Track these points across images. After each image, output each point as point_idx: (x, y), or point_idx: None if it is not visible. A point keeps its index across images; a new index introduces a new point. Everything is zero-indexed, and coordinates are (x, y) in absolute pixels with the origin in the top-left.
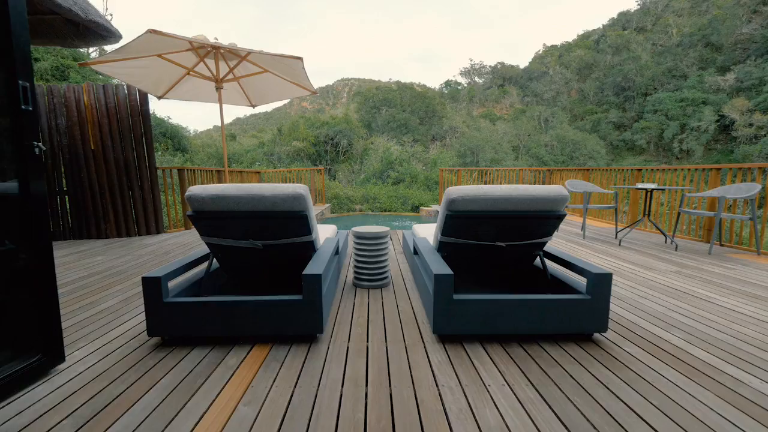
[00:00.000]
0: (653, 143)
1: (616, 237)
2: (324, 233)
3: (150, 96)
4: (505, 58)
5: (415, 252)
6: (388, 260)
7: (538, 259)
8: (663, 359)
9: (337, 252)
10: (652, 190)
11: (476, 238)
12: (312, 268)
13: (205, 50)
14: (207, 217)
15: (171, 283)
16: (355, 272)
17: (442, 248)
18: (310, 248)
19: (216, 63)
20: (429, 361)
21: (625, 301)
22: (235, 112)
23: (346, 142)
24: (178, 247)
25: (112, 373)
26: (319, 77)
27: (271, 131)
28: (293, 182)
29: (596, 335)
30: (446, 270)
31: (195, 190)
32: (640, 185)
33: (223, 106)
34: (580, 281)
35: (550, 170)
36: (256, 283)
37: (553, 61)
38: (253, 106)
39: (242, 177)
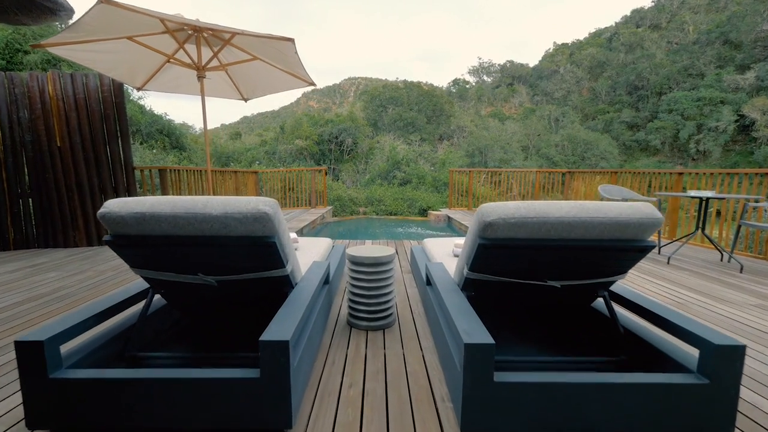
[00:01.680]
0: (668, 144)
1: (659, 252)
2: (313, 252)
3: (148, 92)
4: (514, 57)
5: (428, 282)
6: (393, 292)
7: (596, 299)
8: None
9: (327, 281)
10: (709, 198)
11: (518, 274)
12: (276, 329)
13: (185, 33)
14: (132, 244)
15: (81, 339)
16: (351, 307)
17: (468, 286)
18: (285, 284)
19: (198, 48)
20: None
21: None
22: (242, 109)
23: (350, 141)
24: None
25: None
26: (326, 76)
27: (274, 129)
28: (293, 183)
29: None
30: (482, 335)
31: (112, 205)
32: (693, 193)
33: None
34: (670, 339)
35: (570, 172)
36: (219, 326)
37: (563, 59)
38: (245, 100)
39: (236, 178)
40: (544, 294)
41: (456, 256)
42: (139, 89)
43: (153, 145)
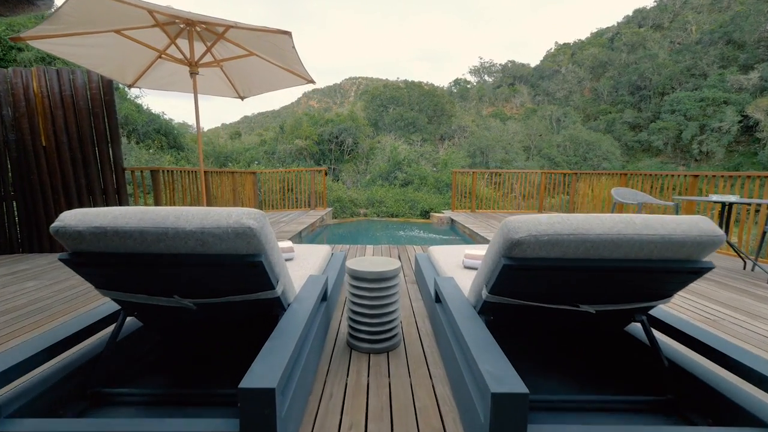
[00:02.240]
0: (671, 144)
1: None
2: (309, 263)
3: (146, 91)
4: (515, 57)
5: (438, 298)
6: (398, 311)
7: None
8: None
9: (324, 297)
10: (732, 203)
11: (546, 298)
12: (260, 371)
13: (176, 27)
14: (93, 263)
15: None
16: (351, 327)
17: (487, 309)
18: (275, 306)
19: (190, 42)
20: None
21: None
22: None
23: (351, 141)
24: None
25: None
26: (327, 76)
27: (274, 129)
28: (292, 183)
29: None
30: (513, 381)
31: (67, 218)
32: (716, 197)
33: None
34: (725, 374)
35: (577, 173)
36: (201, 352)
37: (565, 59)
38: (242, 98)
39: (234, 178)
40: (572, 318)
41: (467, 267)
42: (130, 86)
43: (150, 145)
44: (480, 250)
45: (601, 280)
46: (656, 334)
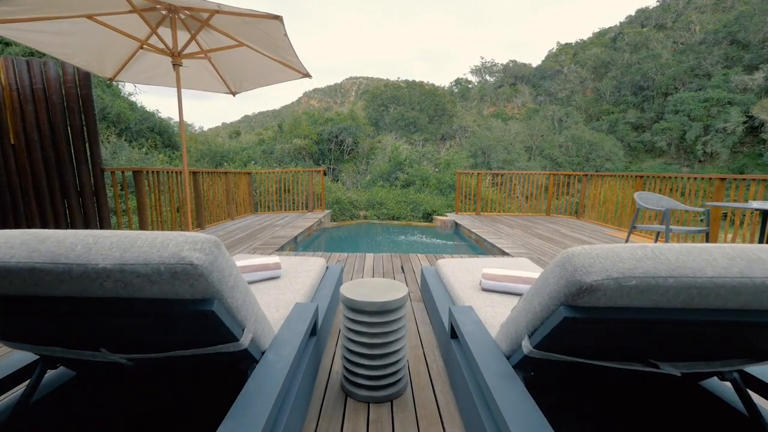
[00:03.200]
0: (674, 145)
1: None
2: (298, 282)
3: (141, 89)
4: (517, 57)
5: (453, 334)
6: (404, 348)
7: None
8: None
9: (314, 332)
10: None
11: (614, 355)
12: None
13: (158, 14)
14: None
15: None
16: (346, 368)
17: (527, 365)
18: (242, 359)
19: (173, 30)
20: None
21: None
22: (243, 108)
23: (351, 141)
24: None
25: None
26: (327, 75)
27: (272, 128)
28: (289, 184)
29: None
30: None
31: None
32: (756, 204)
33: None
34: None
35: (587, 175)
36: (151, 410)
37: (567, 59)
38: (233, 94)
39: (227, 179)
40: (649, 381)
41: (485, 290)
42: (111, 80)
43: (143, 144)
44: (499, 268)
45: (699, 334)
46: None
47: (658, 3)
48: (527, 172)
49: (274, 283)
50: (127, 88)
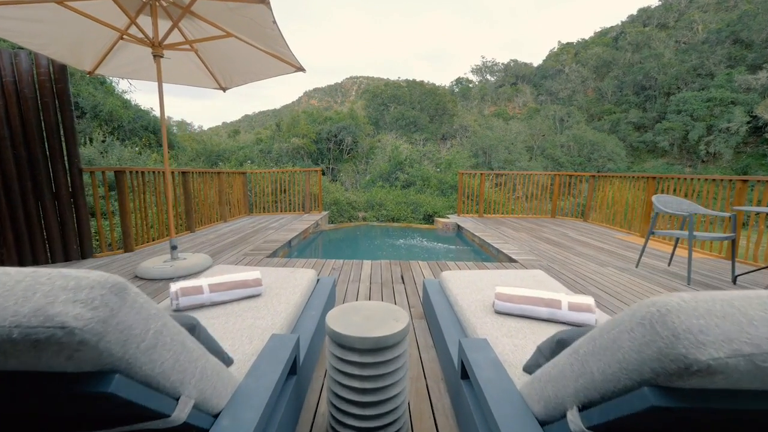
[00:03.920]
0: (677, 145)
1: (734, 282)
2: (281, 302)
3: (136, 87)
4: (518, 56)
5: (465, 374)
6: (404, 391)
7: None
8: None
9: (294, 370)
10: None
11: None
12: None
13: (137, 2)
14: None
15: None
16: (333, 415)
17: None
18: None
19: (153, 18)
20: None
21: None
22: (244, 108)
23: (350, 140)
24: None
25: None
26: (328, 75)
27: (271, 127)
28: (285, 185)
29: None
30: None
31: None
32: None
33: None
34: None
35: (594, 176)
36: None
37: (568, 58)
38: (224, 89)
39: (220, 179)
40: None
41: (499, 312)
42: (90, 74)
43: (136, 142)
44: (513, 287)
45: None
46: None
47: (660, 2)
48: (531, 173)
49: (252, 304)
50: (121, 85)
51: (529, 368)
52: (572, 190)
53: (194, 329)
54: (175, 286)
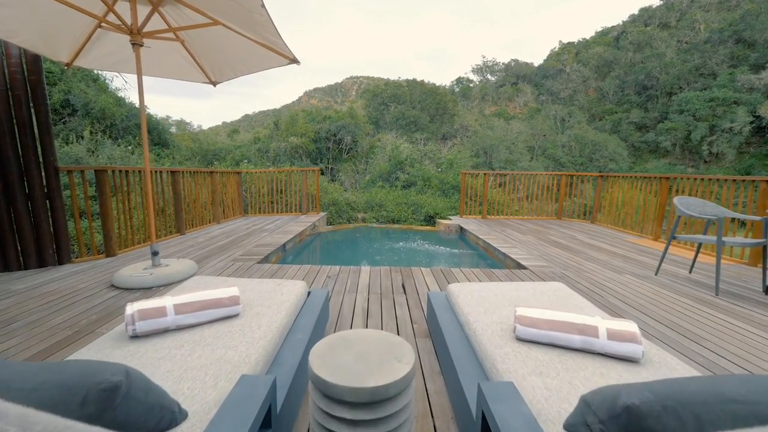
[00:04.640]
0: (679, 145)
1: (766, 292)
2: (262, 326)
3: (130, 85)
4: (518, 56)
5: (486, 426)
6: None
7: None
8: None
9: (268, 422)
10: None
11: None
12: None
13: None
14: None
15: None
16: None
17: None
18: None
19: (132, 3)
20: None
21: None
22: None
23: (350, 139)
24: (72, 294)
25: None
26: (328, 75)
27: (269, 127)
28: (282, 185)
29: None
30: None
31: None
32: None
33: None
34: None
35: (603, 176)
36: None
37: (569, 58)
38: (214, 84)
39: (213, 179)
40: None
41: (521, 339)
42: (68, 65)
43: (130, 141)
44: (535, 308)
45: None
46: None
47: (662, 2)
48: (535, 173)
49: (226, 327)
50: (115, 82)
51: (573, 428)
52: (574, 191)
53: (115, 393)
54: (131, 308)
